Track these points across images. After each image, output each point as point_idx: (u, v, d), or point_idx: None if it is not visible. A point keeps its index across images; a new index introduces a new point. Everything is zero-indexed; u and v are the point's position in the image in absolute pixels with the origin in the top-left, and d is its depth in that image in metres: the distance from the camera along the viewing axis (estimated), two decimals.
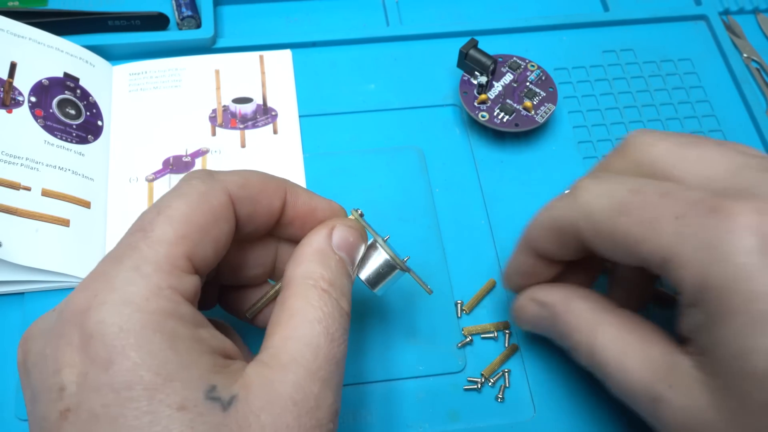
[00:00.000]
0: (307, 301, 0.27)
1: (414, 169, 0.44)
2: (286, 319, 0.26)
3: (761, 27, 0.52)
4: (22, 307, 0.38)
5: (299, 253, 0.29)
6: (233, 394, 0.23)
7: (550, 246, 0.31)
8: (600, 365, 0.29)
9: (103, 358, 0.22)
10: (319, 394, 0.25)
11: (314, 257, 0.28)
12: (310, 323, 0.26)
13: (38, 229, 0.38)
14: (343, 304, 0.28)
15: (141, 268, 0.24)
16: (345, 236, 0.30)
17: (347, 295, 0.28)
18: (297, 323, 0.26)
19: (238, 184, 0.28)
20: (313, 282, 0.27)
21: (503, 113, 0.44)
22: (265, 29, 0.50)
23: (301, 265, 0.28)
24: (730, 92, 0.49)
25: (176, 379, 0.22)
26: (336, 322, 0.27)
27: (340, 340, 0.26)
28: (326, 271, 0.28)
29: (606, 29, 0.51)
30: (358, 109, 0.46)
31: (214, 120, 0.45)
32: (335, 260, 0.29)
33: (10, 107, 0.41)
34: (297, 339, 0.25)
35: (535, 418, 0.36)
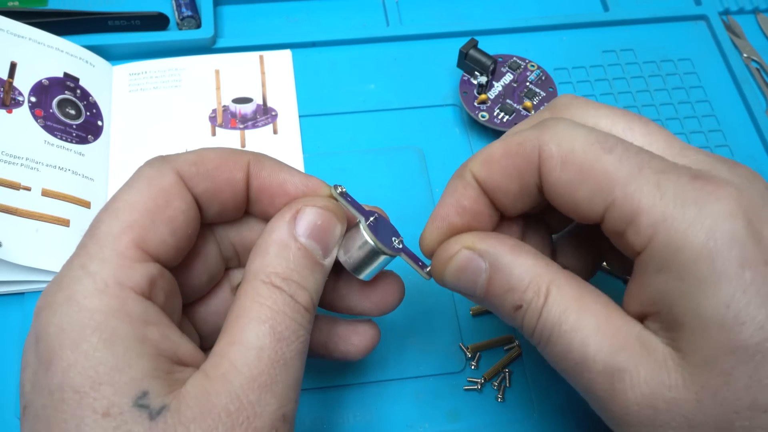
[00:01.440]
0: (255, 299, 0.25)
1: (414, 169, 0.44)
2: (233, 321, 0.25)
3: (761, 27, 0.52)
4: (22, 307, 0.38)
5: (258, 243, 0.27)
6: (165, 403, 0.22)
7: (498, 176, 0.27)
8: (549, 327, 0.25)
9: (46, 359, 0.22)
10: (258, 401, 0.23)
11: (271, 248, 0.26)
12: (255, 324, 0.24)
13: (38, 229, 0.38)
14: (301, 299, 0.25)
15: (87, 265, 0.24)
16: (311, 220, 0.26)
17: (310, 288, 0.26)
18: (242, 325, 0.24)
19: (189, 161, 0.27)
20: (264, 277, 0.25)
21: (503, 113, 0.44)
22: (265, 29, 0.50)
23: (256, 259, 0.26)
24: (730, 92, 0.49)
25: (106, 382, 0.22)
26: (286, 319, 0.25)
27: (291, 339, 0.24)
28: (281, 263, 0.26)
29: (606, 29, 0.51)
30: (358, 109, 0.46)
31: (214, 120, 0.45)
32: (295, 250, 0.26)
33: (10, 107, 0.41)
34: (240, 343, 0.24)
35: (535, 418, 0.36)
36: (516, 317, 0.26)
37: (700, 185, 0.23)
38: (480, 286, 0.27)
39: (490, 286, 0.27)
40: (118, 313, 0.23)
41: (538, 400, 0.36)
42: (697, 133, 0.47)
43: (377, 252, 0.28)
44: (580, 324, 0.25)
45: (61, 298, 0.23)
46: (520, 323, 0.27)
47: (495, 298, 0.27)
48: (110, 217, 0.25)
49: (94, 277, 0.23)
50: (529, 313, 0.26)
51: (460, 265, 0.27)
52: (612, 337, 0.24)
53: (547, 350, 0.26)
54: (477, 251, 0.27)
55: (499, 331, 0.38)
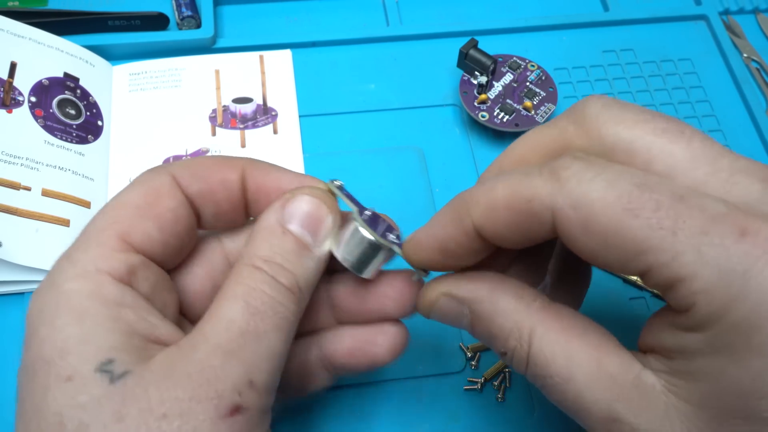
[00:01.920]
0: (235, 279, 0.25)
1: (414, 169, 0.44)
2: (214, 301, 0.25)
3: (761, 27, 0.52)
4: (22, 307, 0.38)
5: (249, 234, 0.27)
6: (128, 369, 0.23)
7: (502, 229, 0.25)
8: (538, 376, 0.25)
9: (25, 340, 0.24)
10: (221, 366, 0.23)
11: (257, 235, 0.26)
12: (230, 299, 0.25)
13: (38, 229, 0.38)
14: (283, 279, 0.25)
15: (71, 255, 0.25)
16: (299, 207, 0.27)
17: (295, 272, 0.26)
18: (218, 302, 0.25)
19: (184, 165, 0.28)
20: (246, 260, 0.26)
21: (503, 113, 0.44)
22: (265, 29, 0.50)
23: (247, 245, 0.26)
24: (730, 92, 0.49)
25: (73, 352, 0.23)
26: (263, 295, 0.25)
27: (266, 313, 0.24)
28: (264, 247, 0.26)
29: (606, 29, 0.51)
30: (358, 109, 0.46)
31: (214, 120, 0.45)
32: (280, 234, 0.26)
33: (10, 107, 0.41)
34: (214, 316, 0.24)
35: (535, 417, 0.36)
36: (505, 359, 0.26)
37: (748, 248, 0.21)
38: (466, 326, 0.27)
39: (473, 330, 0.27)
40: (92, 294, 0.24)
41: (538, 400, 0.36)
42: None
43: (374, 245, 0.27)
44: (570, 374, 0.24)
45: (45, 285, 0.25)
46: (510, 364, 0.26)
47: (482, 341, 0.27)
48: (101, 214, 0.26)
49: (75, 264, 0.24)
50: (515, 360, 0.25)
51: (441, 311, 0.27)
52: (607, 388, 0.23)
53: (544, 393, 0.25)
54: (456, 299, 0.27)
55: None
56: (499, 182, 0.25)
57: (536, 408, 0.36)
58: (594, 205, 0.22)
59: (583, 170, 0.23)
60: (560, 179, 0.23)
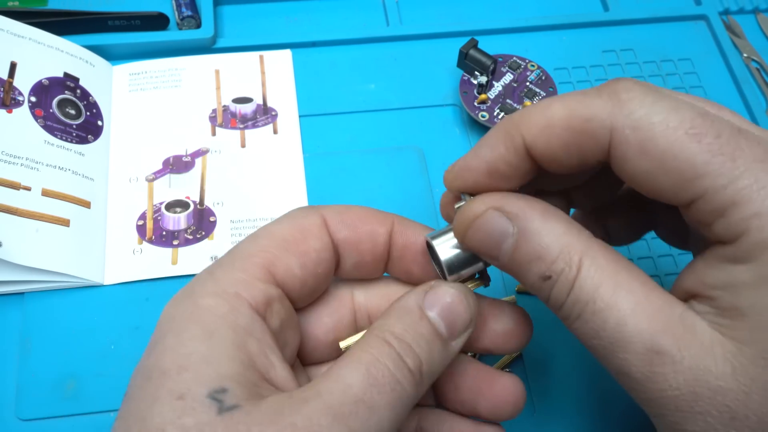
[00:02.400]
0: (362, 346, 0.25)
1: (414, 169, 0.44)
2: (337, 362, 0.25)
3: (761, 27, 0.52)
4: (22, 307, 0.38)
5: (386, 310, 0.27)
6: (238, 404, 0.22)
7: (556, 149, 0.25)
8: (581, 303, 0.24)
9: (151, 344, 0.24)
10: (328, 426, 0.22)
11: (395, 312, 0.26)
12: (353, 364, 0.24)
13: (38, 229, 0.38)
14: (408, 360, 0.25)
15: (214, 272, 0.26)
16: (442, 297, 0.26)
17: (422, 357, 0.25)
18: (342, 365, 0.24)
19: (336, 210, 0.28)
20: (378, 332, 0.25)
21: (503, 113, 0.44)
22: (265, 29, 0.50)
23: (379, 320, 0.26)
24: (730, 92, 0.49)
25: (190, 370, 0.23)
26: (385, 369, 0.24)
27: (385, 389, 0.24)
28: (399, 325, 0.25)
29: (606, 29, 0.51)
30: (358, 109, 0.46)
31: (214, 120, 0.45)
32: (417, 317, 0.26)
33: (10, 107, 0.41)
34: (332, 377, 0.24)
35: (535, 417, 0.36)
36: (543, 288, 0.25)
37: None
38: (505, 251, 0.25)
39: (516, 252, 0.25)
40: (225, 316, 0.24)
41: (538, 399, 0.36)
42: None
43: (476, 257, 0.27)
44: (616, 302, 0.23)
45: (183, 294, 0.25)
46: (546, 295, 0.25)
47: (521, 266, 0.25)
48: (249, 240, 0.27)
49: (217, 282, 0.25)
50: (558, 285, 0.24)
51: (485, 227, 0.25)
52: (652, 318, 0.23)
53: (576, 326, 0.24)
54: (505, 214, 0.25)
55: None
56: (555, 101, 0.25)
57: (536, 408, 0.36)
58: (655, 127, 0.22)
59: (645, 94, 0.23)
60: (621, 100, 0.23)
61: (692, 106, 0.23)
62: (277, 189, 0.42)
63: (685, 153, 0.22)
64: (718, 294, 0.23)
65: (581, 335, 0.24)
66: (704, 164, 0.22)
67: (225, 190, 0.42)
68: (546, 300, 0.25)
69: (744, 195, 0.22)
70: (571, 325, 0.25)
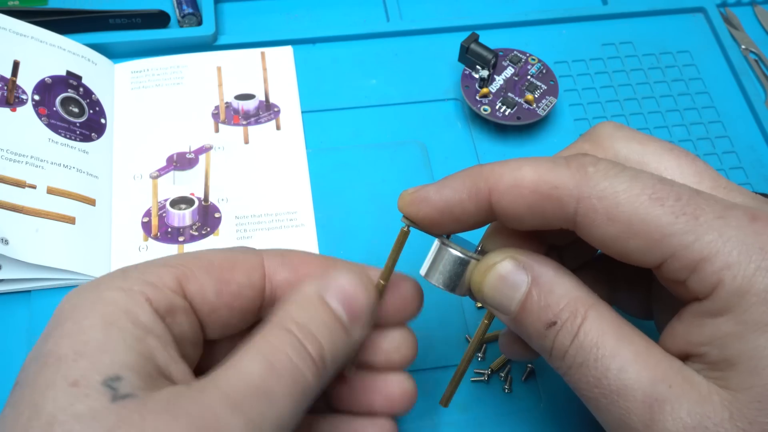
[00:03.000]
0: (262, 335, 0.25)
1: (417, 164, 0.44)
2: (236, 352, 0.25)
3: (759, 19, 0.52)
4: (28, 305, 0.38)
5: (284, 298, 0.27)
6: (132, 392, 0.22)
7: (521, 209, 0.26)
8: (585, 350, 0.24)
9: (48, 330, 0.24)
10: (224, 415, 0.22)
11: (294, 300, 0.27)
12: (251, 353, 0.24)
13: (44, 227, 0.38)
14: (310, 348, 0.25)
15: (128, 271, 0.26)
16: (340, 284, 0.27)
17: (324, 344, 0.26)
18: (241, 354, 0.24)
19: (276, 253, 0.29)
20: (278, 320, 0.26)
21: (505, 107, 0.44)
22: (266, 26, 0.50)
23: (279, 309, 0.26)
24: (729, 84, 0.49)
25: (87, 357, 0.23)
26: (285, 359, 0.24)
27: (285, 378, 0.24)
28: (300, 313, 0.26)
29: (605, 22, 0.51)
30: (360, 105, 0.46)
31: (216, 117, 0.45)
32: (316, 304, 0.26)
33: (14, 106, 0.41)
34: (232, 366, 0.24)
35: (541, 408, 0.36)
36: (547, 336, 0.26)
37: (761, 228, 0.23)
38: (517, 300, 0.26)
39: (527, 301, 0.26)
40: (127, 310, 0.24)
41: (545, 390, 0.37)
42: (697, 125, 0.47)
43: (463, 261, 0.28)
44: (618, 351, 0.24)
45: (89, 285, 0.25)
46: (550, 344, 0.26)
47: (529, 315, 0.26)
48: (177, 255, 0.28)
49: (126, 278, 0.25)
50: (562, 332, 0.25)
51: (502, 274, 0.27)
52: (652, 368, 0.24)
53: (578, 375, 0.25)
54: (520, 263, 0.26)
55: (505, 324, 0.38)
56: (525, 164, 0.26)
57: (543, 398, 0.37)
58: (619, 195, 0.24)
59: (609, 167, 0.25)
60: (587, 173, 0.25)
61: (652, 174, 0.25)
62: (281, 184, 0.42)
63: (651, 216, 0.24)
64: (706, 350, 0.24)
65: (583, 384, 0.25)
66: (670, 224, 0.23)
67: (229, 186, 0.42)
68: (549, 349, 0.26)
69: (712, 249, 0.23)
70: (573, 373, 0.25)
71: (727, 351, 0.23)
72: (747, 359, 0.23)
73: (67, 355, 0.23)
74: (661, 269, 0.24)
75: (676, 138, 0.46)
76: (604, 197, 0.24)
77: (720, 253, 0.23)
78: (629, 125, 0.46)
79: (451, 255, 0.28)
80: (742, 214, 0.24)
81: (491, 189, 0.26)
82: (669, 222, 0.23)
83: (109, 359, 0.23)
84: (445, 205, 0.27)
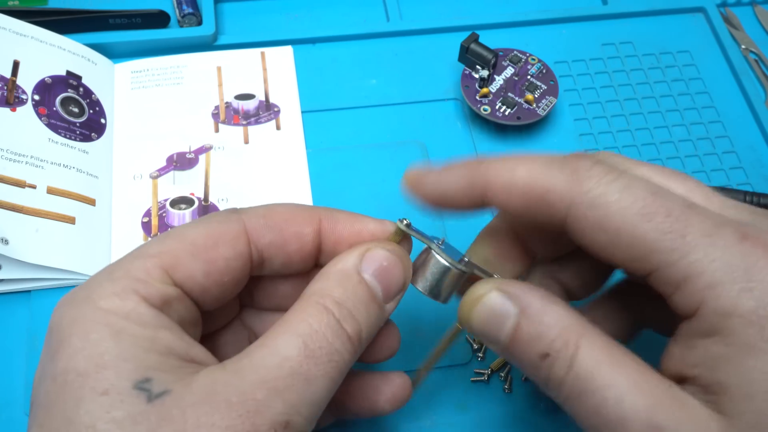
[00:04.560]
0: (301, 315, 0.25)
1: (417, 164, 0.44)
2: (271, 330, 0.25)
3: (759, 19, 0.52)
4: (29, 305, 0.38)
5: (322, 271, 0.27)
6: (167, 388, 0.22)
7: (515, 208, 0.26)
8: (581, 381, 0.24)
9: (53, 348, 0.23)
10: (263, 400, 0.23)
11: (333, 275, 0.27)
12: (290, 335, 0.24)
13: (44, 227, 0.38)
14: (348, 327, 0.25)
15: (113, 272, 0.25)
16: (379, 260, 0.27)
17: (362, 321, 0.26)
18: (277, 333, 0.24)
19: (259, 213, 0.28)
20: (317, 298, 0.26)
21: (505, 106, 0.44)
22: (266, 26, 0.50)
23: (318, 282, 0.26)
24: (729, 84, 0.49)
25: (110, 367, 0.22)
26: (323, 340, 0.24)
27: (322, 359, 0.24)
28: (338, 290, 0.26)
29: (605, 22, 0.51)
30: (360, 105, 0.46)
31: (216, 116, 0.45)
32: (355, 282, 0.26)
33: (14, 106, 0.41)
34: (268, 347, 0.24)
35: (542, 408, 0.36)
36: (541, 367, 0.25)
37: (749, 249, 0.23)
38: (506, 332, 0.26)
39: (517, 333, 0.26)
40: (128, 315, 0.24)
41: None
42: (698, 125, 0.47)
43: (449, 270, 0.28)
44: (614, 380, 0.24)
45: (81, 296, 0.24)
46: (545, 375, 0.25)
47: (520, 346, 0.26)
48: (157, 240, 0.26)
49: (115, 283, 0.24)
50: (557, 363, 0.25)
51: (488, 307, 0.26)
52: (649, 395, 0.23)
53: (576, 405, 0.25)
54: (507, 294, 0.26)
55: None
56: (521, 164, 0.26)
57: (543, 398, 0.37)
58: (610, 206, 0.24)
59: (603, 173, 0.25)
60: (580, 178, 0.25)
61: (646, 184, 0.25)
62: (281, 184, 0.42)
63: (638, 231, 0.24)
64: (699, 372, 0.24)
65: (582, 413, 0.25)
66: (655, 241, 0.23)
67: (229, 186, 0.42)
68: (545, 380, 0.25)
69: (696, 268, 0.23)
70: (571, 404, 0.25)
71: (717, 374, 0.23)
72: (737, 383, 0.22)
73: (87, 369, 0.22)
74: (650, 280, 0.24)
75: (676, 138, 0.46)
76: (594, 206, 0.24)
77: (704, 273, 0.23)
78: (629, 125, 0.46)
79: (438, 262, 0.28)
80: (731, 232, 0.23)
81: (486, 186, 0.27)
82: (655, 239, 0.23)
83: (132, 365, 0.23)
84: (443, 189, 0.28)
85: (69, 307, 0.24)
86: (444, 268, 0.28)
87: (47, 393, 0.23)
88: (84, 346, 0.23)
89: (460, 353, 0.37)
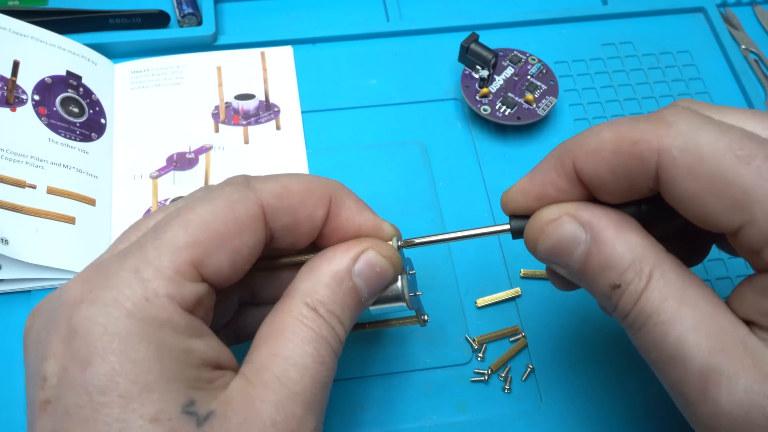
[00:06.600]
0: (298, 318, 0.25)
1: (417, 164, 0.44)
2: (276, 334, 0.25)
3: (759, 19, 0.52)
4: (28, 305, 0.38)
5: (314, 266, 0.27)
6: (211, 409, 0.23)
7: (605, 172, 0.25)
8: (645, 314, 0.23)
9: (83, 357, 0.22)
10: (302, 417, 0.24)
11: (326, 276, 0.27)
12: (300, 342, 0.25)
13: (44, 227, 0.38)
14: (339, 331, 0.26)
15: (141, 270, 0.23)
16: (373, 264, 0.27)
17: (347, 324, 0.27)
18: (285, 340, 0.25)
19: (275, 193, 0.27)
20: (309, 300, 0.26)
21: (505, 106, 0.44)
22: (266, 26, 0.50)
23: (308, 280, 0.27)
24: (729, 84, 0.49)
25: (154, 390, 0.22)
26: (327, 345, 0.25)
27: (329, 365, 0.25)
28: (330, 296, 0.26)
29: (605, 22, 0.51)
30: (360, 105, 0.46)
31: (216, 116, 0.45)
32: (347, 287, 0.27)
33: (14, 106, 0.41)
34: (284, 357, 0.24)
35: (541, 408, 0.36)
36: (611, 297, 0.25)
37: None
38: (576, 259, 0.25)
39: (588, 260, 0.25)
40: (164, 325, 0.23)
41: (545, 390, 0.37)
42: None
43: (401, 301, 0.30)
44: (680, 316, 0.23)
45: (108, 299, 0.23)
46: (614, 304, 0.25)
47: (591, 275, 0.25)
48: (180, 226, 0.24)
49: (146, 285, 0.23)
50: (626, 295, 0.24)
51: (558, 233, 0.25)
52: (713, 337, 0.22)
53: (638, 336, 0.24)
54: (579, 220, 0.25)
55: (504, 323, 0.38)
56: (604, 126, 0.25)
57: (543, 398, 0.37)
58: (703, 149, 0.22)
59: (692, 118, 0.23)
60: (669, 124, 0.23)
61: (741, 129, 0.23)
62: None
63: (735, 175, 0.22)
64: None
65: (641, 346, 0.24)
66: (754, 187, 0.22)
67: None
68: (613, 309, 0.25)
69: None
70: (633, 335, 0.25)
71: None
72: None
73: (130, 391, 0.22)
74: (738, 235, 0.23)
75: None
76: (686, 150, 0.22)
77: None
78: None
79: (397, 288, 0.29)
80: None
81: (574, 160, 0.25)
82: (754, 184, 0.22)
83: (175, 386, 0.22)
84: (539, 189, 0.26)
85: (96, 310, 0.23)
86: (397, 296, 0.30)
87: (81, 407, 0.22)
88: (124, 365, 0.22)
89: (460, 353, 0.37)
